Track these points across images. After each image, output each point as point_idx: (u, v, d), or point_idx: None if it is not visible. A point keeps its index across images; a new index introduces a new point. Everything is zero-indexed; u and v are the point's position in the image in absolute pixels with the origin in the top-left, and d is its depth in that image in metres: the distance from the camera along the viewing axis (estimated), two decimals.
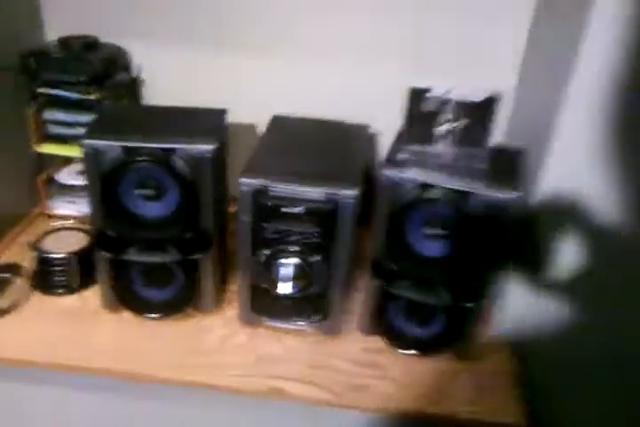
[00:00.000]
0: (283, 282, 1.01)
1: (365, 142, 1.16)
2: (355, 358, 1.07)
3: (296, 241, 0.99)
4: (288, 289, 1.02)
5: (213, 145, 0.98)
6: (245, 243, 1.02)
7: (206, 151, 0.98)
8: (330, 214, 0.97)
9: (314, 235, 0.98)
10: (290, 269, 1.01)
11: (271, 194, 0.97)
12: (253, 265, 1.03)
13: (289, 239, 0.99)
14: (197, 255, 1.06)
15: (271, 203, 0.97)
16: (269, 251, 1.01)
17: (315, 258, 1.00)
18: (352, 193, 0.95)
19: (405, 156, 0.96)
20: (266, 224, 0.99)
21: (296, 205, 0.96)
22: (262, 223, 0.99)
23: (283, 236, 0.99)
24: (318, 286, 1.03)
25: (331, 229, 0.98)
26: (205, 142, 0.98)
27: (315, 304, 1.07)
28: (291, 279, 1.01)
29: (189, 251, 1.05)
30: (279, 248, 1.00)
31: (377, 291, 1.04)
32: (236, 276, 1.14)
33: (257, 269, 1.03)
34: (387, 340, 1.08)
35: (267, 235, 1.00)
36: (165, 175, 0.98)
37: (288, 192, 0.97)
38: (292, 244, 1.00)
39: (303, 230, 0.98)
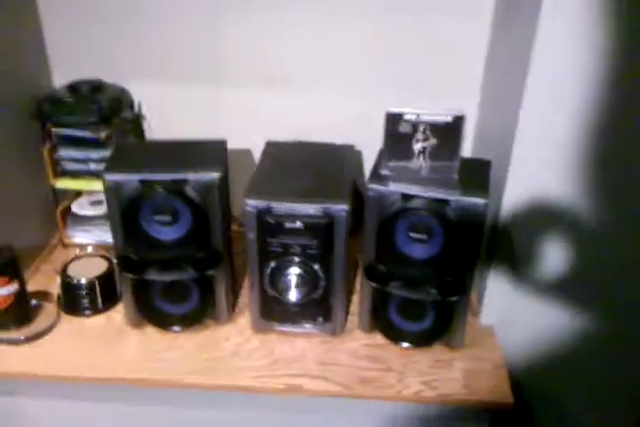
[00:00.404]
0: (289, 290, 1.13)
1: (351, 161, 1.28)
2: (359, 353, 1.19)
3: (298, 252, 1.11)
4: (295, 296, 1.14)
5: (219, 173, 1.10)
6: (253, 257, 1.13)
7: (214, 179, 1.09)
8: (326, 227, 1.09)
9: (313, 246, 1.10)
10: (294, 278, 1.12)
11: (273, 212, 1.09)
12: (262, 277, 1.15)
13: (292, 251, 1.11)
14: (211, 272, 1.17)
15: (274, 220, 1.09)
16: (275, 263, 1.13)
17: (315, 266, 1.12)
18: (344, 207, 1.08)
19: (387, 172, 1.08)
20: (270, 239, 1.10)
21: (296, 221, 1.09)
22: (267, 238, 1.11)
23: (286, 248, 1.11)
24: (321, 292, 1.15)
25: (328, 239, 1.10)
26: (212, 171, 1.10)
27: (318, 308, 1.18)
28: (296, 287, 1.13)
29: (203, 268, 1.17)
30: (284, 260, 1.12)
31: (372, 292, 1.16)
32: (244, 287, 1.25)
33: (265, 280, 1.15)
34: (385, 335, 1.20)
35: (272, 248, 1.11)
36: (179, 202, 1.10)
37: (288, 210, 1.09)
38: (295, 255, 1.12)
39: (304, 243, 1.10)
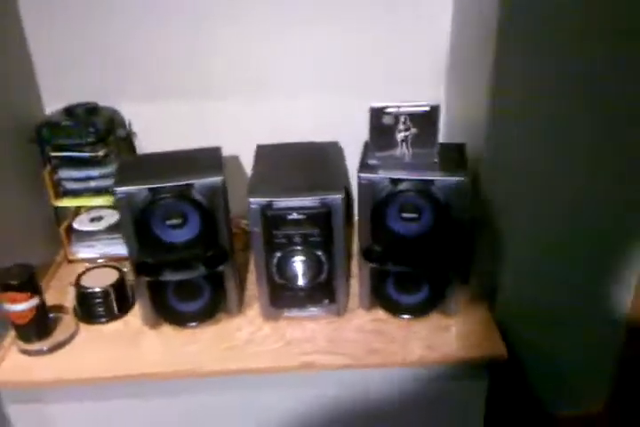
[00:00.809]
0: (297, 276, 1.22)
1: (337, 156, 1.39)
2: (363, 328, 1.29)
3: (301, 241, 1.21)
4: (302, 281, 1.23)
5: (222, 177, 1.19)
6: (259, 249, 1.22)
7: (217, 182, 1.18)
8: (325, 216, 1.19)
9: (315, 234, 1.20)
10: (300, 265, 1.22)
11: (275, 207, 1.18)
12: (268, 267, 1.23)
13: (295, 241, 1.21)
14: (220, 268, 1.26)
15: (276, 214, 1.18)
16: (280, 253, 1.22)
17: (318, 252, 1.22)
18: (339, 196, 1.18)
19: (375, 161, 1.19)
20: (275, 231, 1.20)
21: (296, 213, 1.18)
22: (271, 231, 1.20)
23: (289, 239, 1.21)
24: (325, 275, 1.25)
25: (327, 227, 1.20)
26: (215, 175, 1.18)
27: (323, 291, 1.28)
28: (302, 273, 1.22)
29: (213, 265, 1.25)
30: (288, 249, 1.21)
31: (370, 271, 1.27)
32: (248, 281, 1.34)
33: (272, 269, 1.23)
34: (386, 310, 1.30)
35: (276, 240, 1.21)
36: (187, 206, 1.18)
37: (288, 203, 1.18)
38: (299, 244, 1.21)
39: (306, 232, 1.20)
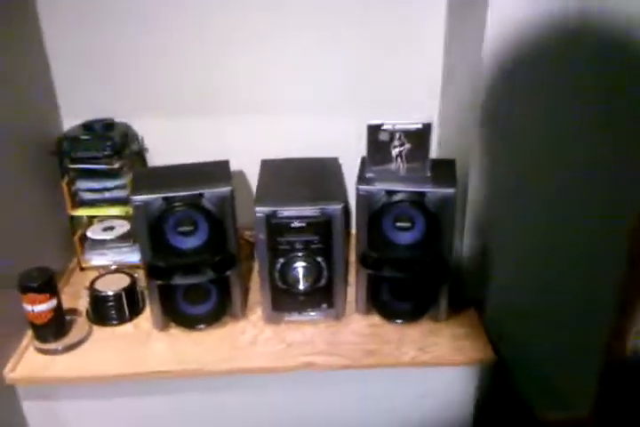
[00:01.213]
0: (298, 281, 1.30)
1: (337, 170, 1.47)
2: (360, 332, 1.35)
3: (302, 248, 1.28)
4: (303, 286, 1.30)
5: (230, 187, 1.27)
6: (263, 255, 1.30)
7: (226, 192, 1.26)
8: (325, 224, 1.27)
9: (315, 241, 1.28)
10: (302, 270, 1.29)
11: (279, 215, 1.26)
12: (272, 272, 1.31)
13: (297, 247, 1.28)
14: (228, 273, 1.33)
15: (280, 222, 1.26)
16: (283, 259, 1.29)
17: (319, 259, 1.29)
18: (338, 206, 1.26)
19: (372, 174, 1.27)
20: (278, 238, 1.27)
21: (299, 222, 1.26)
22: (275, 238, 1.27)
23: (292, 246, 1.28)
24: (324, 281, 1.32)
25: (327, 235, 1.28)
26: (224, 186, 1.27)
27: (323, 296, 1.35)
28: (304, 278, 1.30)
29: (221, 270, 1.32)
30: (291, 255, 1.29)
31: (366, 278, 1.34)
32: (252, 287, 1.40)
33: (275, 275, 1.31)
34: (381, 315, 1.37)
35: (280, 247, 1.28)
36: (198, 214, 1.26)
37: (291, 212, 1.26)
38: (300, 250, 1.28)
39: (307, 239, 1.27)
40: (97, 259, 1.61)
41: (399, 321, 1.36)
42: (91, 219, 1.64)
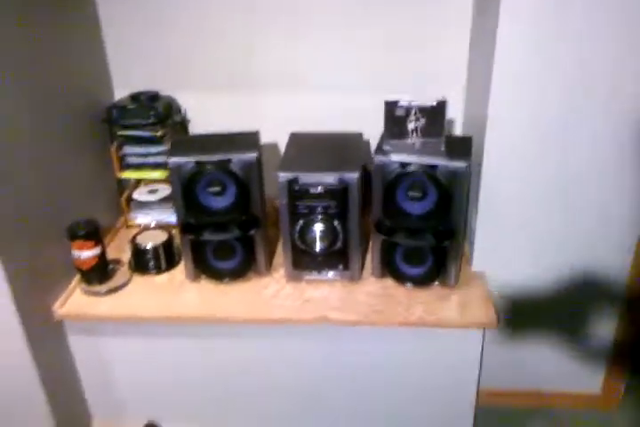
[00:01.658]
0: (315, 243, 1.39)
1: (359, 144, 1.55)
2: (373, 293, 1.44)
3: (321, 212, 1.37)
4: (319, 247, 1.39)
5: (256, 153, 1.37)
6: (285, 218, 1.39)
7: (253, 158, 1.36)
8: (342, 191, 1.35)
9: (333, 206, 1.36)
10: (319, 232, 1.38)
11: (300, 182, 1.35)
12: (292, 233, 1.40)
13: (316, 211, 1.37)
14: (252, 232, 1.43)
15: (300, 187, 1.35)
16: (303, 221, 1.38)
17: (335, 223, 1.38)
18: (355, 175, 1.34)
19: (388, 147, 1.34)
20: (298, 203, 1.36)
21: (318, 187, 1.34)
22: (296, 202, 1.36)
23: (311, 210, 1.37)
24: (340, 244, 1.41)
25: (344, 201, 1.36)
26: (252, 152, 1.36)
27: (339, 258, 1.43)
28: (320, 240, 1.39)
29: (246, 229, 1.43)
30: (309, 219, 1.38)
31: (381, 243, 1.42)
32: (278, 251, 1.50)
33: (295, 235, 1.40)
34: (393, 279, 1.45)
35: (299, 210, 1.37)
36: (226, 177, 1.36)
37: (311, 179, 1.35)
38: (318, 214, 1.37)
39: (325, 204, 1.36)
40: (141, 218, 1.74)
41: (409, 285, 1.44)
42: (137, 182, 1.78)
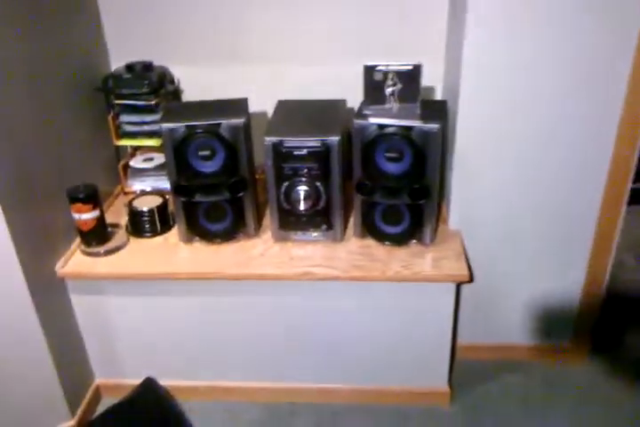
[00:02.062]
0: (299, 202, 1.45)
1: (342, 110, 1.60)
2: (354, 251, 1.51)
3: (304, 174, 1.44)
4: (303, 206, 1.46)
5: (244, 118, 1.43)
6: (271, 179, 1.46)
7: (241, 123, 1.42)
8: (324, 154, 1.41)
9: (315, 168, 1.43)
10: (303, 192, 1.45)
11: (285, 144, 1.41)
12: (278, 194, 1.47)
13: (299, 173, 1.44)
14: (241, 193, 1.50)
15: (285, 150, 1.41)
16: (287, 183, 1.45)
17: (318, 184, 1.44)
18: (336, 138, 1.40)
19: (367, 111, 1.40)
20: (283, 164, 1.43)
21: (301, 150, 1.41)
22: (281, 164, 1.43)
23: (295, 172, 1.44)
24: (323, 204, 1.47)
25: (326, 163, 1.42)
26: (240, 117, 1.43)
27: (322, 218, 1.51)
28: (304, 200, 1.45)
29: (235, 191, 1.49)
30: (294, 180, 1.45)
31: (362, 203, 1.48)
32: (266, 215, 1.57)
33: (281, 196, 1.47)
34: (373, 238, 1.52)
35: (284, 172, 1.44)
36: (215, 141, 1.43)
37: (295, 142, 1.41)
38: (302, 176, 1.44)
39: (308, 166, 1.42)
40: (137, 185, 1.81)
41: (388, 243, 1.51)
42: (134, 151, 1.84)
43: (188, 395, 1.57)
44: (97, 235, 1.55)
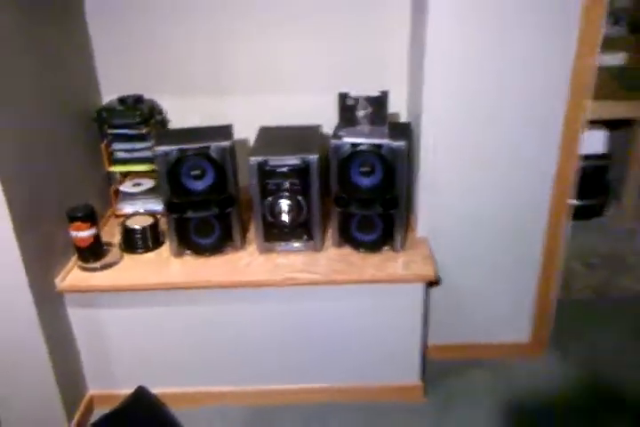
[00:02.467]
0: (282, 215, 1.59)
1: (319, 134, 1.76)
2: (332, 258, 1.65)
3: (287, 189, 1.58)
4: (287, 219, 1.59)
5: (230, 141, 1.57)
6: (256, 195, 1.60)
7: (228, 145, 1.57)
8: (304, 170, 1.56)
9: (297, 184, 1.57)
10: (286, 206, 1.58)
11: (269, 163, 1.56)
12: (263, 208, 1.60)
13: (282, 188, 1.58)
14: (229, 209, 1.62)
15: (269, 168, 1.56)
16: (272, 198, 1.59)
17: (299, 198, 1.58)
18: (315, 156, 1.56)
19: (342, 132, 1.57)
20: (268, 181, 1.57)
21: (284, 168, 1.55)
22: (265, 181, 1.57)
23: (278, 187, 1.58)
24: (304, 216, 1.61)
25: (306, 179, 1.57)
26: (227, 140, 1.57)
27: (303, 229, 1.64)
28: (287, 213, 1.59)
29: (224, 207, 1.62)
30: (277, 195, 1.58)
31: (339, 215, 1.63)
32: (251, 230, 1.70)
33: (266, 210, 1.60)
34: (350, 246, 1.66)
35: (269, 188, 1.58)
36: (205, 162, 1.56)
37: (278, 161, 1.56)
38: (285, 191, 1.58)
39: (291, 181, 1.57)
40: (128, 208, 1.91)
41: (363, 250, 1.65)
42: (123, 177, 1.96)
43: (179, 401, 1.64)
44: (94, 251, 1.64)
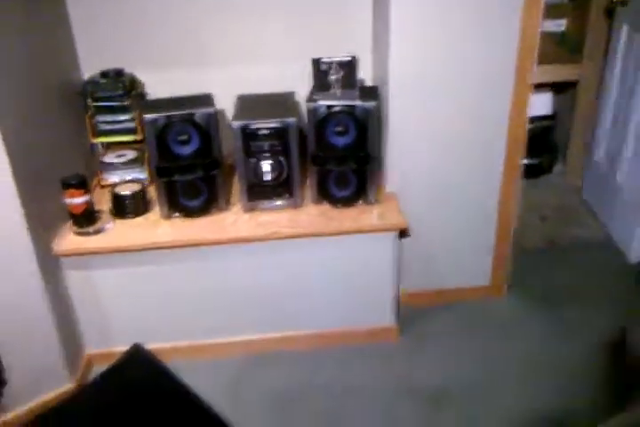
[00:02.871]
0: (265, 174, 1.69)
1: (294, 100, 1.86)
2: (312, 214, 1.77)
3: (268, 150, 1.68)
4: (268, 177, 1.69)
5: (214, 108, 1.66)
6: (240, 157, 1.70)
7: (212, 111, 1.66)
8: (284, 132, 1.67)
9: (277, 145, 1.68)
10: (268, 166, 1.69)
11: (250, 126, 1.66)
12: (247, 169, 1.70)
13: (264, 149, 1.68)
14: (214, 172, 1.72)
15: (250, 131, 1.66)
16: (255, 158, 1.69)
17: (280, 158, 1.69)
18: (293, 119, 1.67)
19: (317, 95, 1.67)
20: (250, 143, 1.66)
21: (265, 130, 1.65)
22: (248, 143, 1.67)
23: (260, 148, 1.68)
24: (285, 175, 1.72)
25: (286, 140, 1.68)
26: (211, 107, 1.67)
27: (284, 187, 1.75)
28: (269, 172, 1.69)
29: (209, 169, 1.71)
30: (260, 156, 1.69)
31: (317, 173, 1.74)
32: (234, 191, 1.80)
33: (249, 171, 1.70)
34: (328, 202, 1.78)
35: (251, 149, 1.68)
36: (191, 128, 1.65)
37: (259, 124, 1.65)
38: (266, 152, 1.68)
39: (271, 143, 1.67)
40: (113, 177, 1.98)
41: (340, 205, 1.77)
42: (105, 150, 2.01)
43: (173, 356, 1.72)
44: (87, 217, 1.71)
